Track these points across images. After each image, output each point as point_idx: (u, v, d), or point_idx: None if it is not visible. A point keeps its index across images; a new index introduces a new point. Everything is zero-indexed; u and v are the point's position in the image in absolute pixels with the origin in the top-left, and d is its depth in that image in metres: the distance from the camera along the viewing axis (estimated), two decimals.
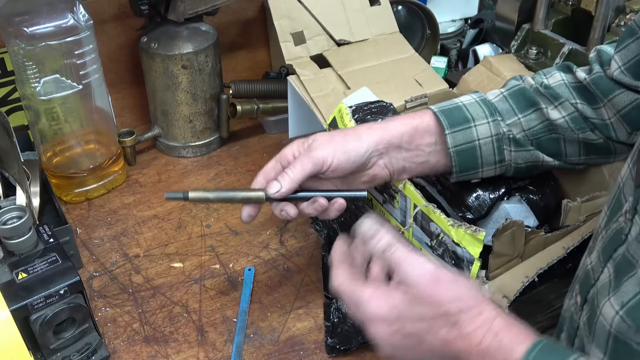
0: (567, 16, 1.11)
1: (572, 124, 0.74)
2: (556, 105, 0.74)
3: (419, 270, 0.55)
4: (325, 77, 1.03)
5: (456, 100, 0.76)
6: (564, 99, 0.74)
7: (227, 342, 0.83)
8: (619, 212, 0.56)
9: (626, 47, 0.68)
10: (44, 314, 0.73)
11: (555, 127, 0.75)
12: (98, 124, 1.06)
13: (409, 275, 0.55)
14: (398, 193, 0.77)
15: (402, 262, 0.56)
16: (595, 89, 0.72)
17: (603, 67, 0.72)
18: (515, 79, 0.79)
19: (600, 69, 0.73)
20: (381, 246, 0.58)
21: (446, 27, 1.34)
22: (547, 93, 0.75)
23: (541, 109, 0.75)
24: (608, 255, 0.56)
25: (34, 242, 0.78)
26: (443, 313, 0.54)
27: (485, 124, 0.74)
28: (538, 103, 0.75)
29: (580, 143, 0.76)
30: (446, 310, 0.53)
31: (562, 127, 0.74)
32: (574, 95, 0.74)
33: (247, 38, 1.33)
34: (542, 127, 0.75)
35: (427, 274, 0.55)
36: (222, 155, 1.21)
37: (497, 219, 0.78)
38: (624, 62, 0.69)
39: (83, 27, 0.96)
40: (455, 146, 0.73)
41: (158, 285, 0.92)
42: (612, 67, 0.70)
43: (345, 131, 0.74)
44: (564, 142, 0.76)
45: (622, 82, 0.70)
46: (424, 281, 0.55)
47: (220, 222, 1.04)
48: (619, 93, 0.71)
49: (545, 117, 0.75)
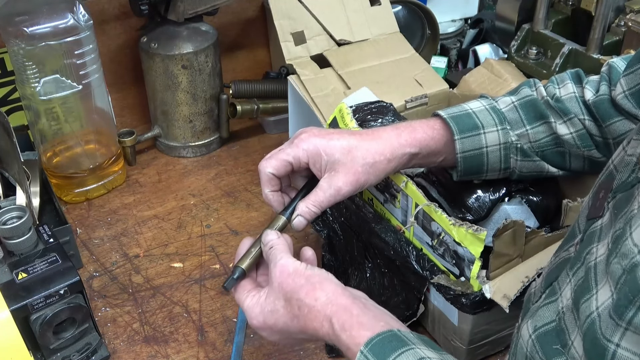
0: (567, 16, 1.11)
1: (578, 140, 0.74)
2: (565, 120, 0.74)
3: (279, 268, 0.62)
4: (326, 77, 1.03)
5: (465, 107, 0.76)
6: (573, 114, 0.73)
7: (227, 342, 0.83)
8: (571, 242, 0.56)
9: (634, 72, 0.67)
10: (44, 314, 0.73)
11: (562, 142, 0.74)
12: (98, 124, 1.06)
13: (271, 272, 0.63)
14: (399, 192, 0.77)
15: (271, 261, 0.63)
16: (596, 112, 0.72)
17: (611, 85, 0.71)
18: (529, 85, 0.78)
19: (607, 90, 0.72)
20: (266, 250, 0.65)
21: (446, 27, 1.34)
22: (557, 107, 0.74)
23: (550, 123, 0.74)
24: (549, 282, 0.56)
25: (34, 242, 0.77)
26: (287, 300, 0.60)
27: (494, 132, 0.74)
28: (547, 117, 0.74)
29: (585, 159, 0.76)
30: (289, 298, 0.60)
31: (569, 143, 0.74)
32: (583, 110, 0.74)
33: (247, 38, 1.33)
34: (549, 140, 0.75)
35: (280, 269, 0.62)
36: (222, 155, 1.21)
37: (498, 220, 0.78)
38: (629, 87, 0.68)
39: (83, 27, 0.96)
40: (463, 152, 0.73)
41: (158, 285, 0.92)
42: (617, 90, 0.69)
43: (368, 169, 0.69)
44: (569, 156, 0.76)
45: (623, 108, 0.69)
46: (277, 275, 0.61)
47: (220, 222, 1.04)
48: (617, 120, 0.70)
49: (552, 131, 0.74)
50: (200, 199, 1.09)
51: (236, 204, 1.08)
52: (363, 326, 0.55)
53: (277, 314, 0.61)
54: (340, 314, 0.57)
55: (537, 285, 0.60)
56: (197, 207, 1.07)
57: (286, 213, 0.70)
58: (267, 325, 0.62)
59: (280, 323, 0.61)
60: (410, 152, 0.72)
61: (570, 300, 0.49)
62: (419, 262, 0.75)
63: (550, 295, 0.53)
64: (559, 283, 0.53)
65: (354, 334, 0.55)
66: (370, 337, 0.54)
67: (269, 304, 0.62)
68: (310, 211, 0.69)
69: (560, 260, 0.57)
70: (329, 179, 0.68)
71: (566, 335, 0.48)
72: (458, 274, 0.71)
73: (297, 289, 0.60)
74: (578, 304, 0.46)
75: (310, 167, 0.71)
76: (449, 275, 0.73)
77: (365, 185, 0.70)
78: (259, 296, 0.63)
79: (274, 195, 0.71)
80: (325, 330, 0.57)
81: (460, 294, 0.70)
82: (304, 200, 0.69)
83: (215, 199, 1.09)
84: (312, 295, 0.59)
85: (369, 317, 0.57)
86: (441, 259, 0.73)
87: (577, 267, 0.50)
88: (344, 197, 0.69)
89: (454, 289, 0.70)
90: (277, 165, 0.70)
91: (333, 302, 0.58)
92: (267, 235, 0.67)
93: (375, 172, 0.70)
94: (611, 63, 0.73)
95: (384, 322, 0.57)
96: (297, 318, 0.60)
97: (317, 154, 0.69)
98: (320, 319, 0.58)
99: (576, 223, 0.58)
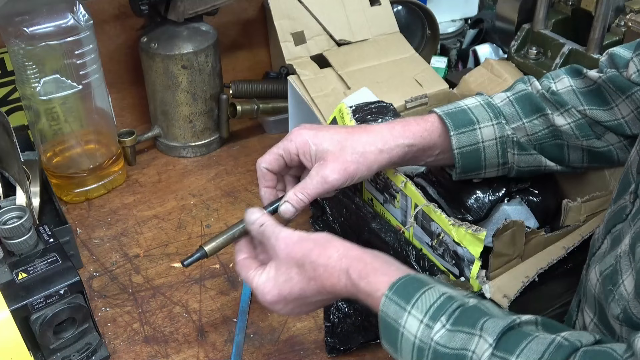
0: (567, 16, 1.11)
1: (577, 130, 0.74)
2: (562, 112, 0.74)
3: (282, 240, 0.64)
4: (326, 77, 1.03)
5: (460, 103, 0.76)
6: (570, 105, 0.74)
7: (227, 342, 0.83)
8: (627, 191, 0.60)
9: None
10: (44, 314, 0.73)
11: (560, 134, 0.75)
12: (98, 124, 1.06)
13: (274, 246, 0.64)
14: (399, 193, 0.77)
15: (270, 237, 0.65)
16: (611, 86, 0.72)
17: (619, 69, 0.72)
18: (523, 81, 0.78)
19: (615, 71, 0.72)
20: (255, 227, 0.67)
21: (446, 27, 1.34)
22: (554, 99, 0.74)
23: (546, 115, 0.74)
24: (608, 229, 0.61)
25: (34, 242, 0.77)
26: (299, 267, 0.62)
27: (490, 127, 0.74)
28: (544, 109, 0.75)
29: (583, 150, 0.76)
30: (302, 263, 0.62)
31: (567, 134, 0.74)
32: (582, 101, 0.74)
33: (247, 38, 1.33)
34: (547, 132, 0.75)
35: (284, 240, 0.64)
36: (222, 155, 1.21)
37: (498, 220, 0.78)
38: None
39: (83, 27, 0.96)
40: (460, 148, 0.73)
41: (158, 285, 0.92)
42: (630, 70, 0.70)
43: (357, 157, 0.70)
44: (567, 148, 0.76)
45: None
46: (282, 247, 0.64)
47: (220, 222, 1.04)
48: (638, 90, 0.70)
49: (550, 123, 0.74)
50: (200, 199, 1.09)
51: (236, 204, 1.08)
52: (378, 271, 0.58)
53: (291, 282, 0.63)
54: (355, 264, 0.59)
55: (599, 232, 0.64)
56: (197, 207, 1.07)
57: (270, 207, 0.71)
58: (282, 296, 0.63)
59: (297, 289, 0.62)
60: (404, 143, 0.72)
61: (628, 246, 0.54)
62: (418, 262, 0.75)
63: (615, 244, 0.58)
64: (622, 233, 0.57)
65: (371, 280, 0.58)
66: (391, 281, 0.56)
67: (281, 274, 0.63)
68: (297, 198, 0.70)
69: (618, 208, 0.61)
70: (317, 168, 0.70)
71: (618, 276, 0.54)
72: (458, 274, 0.71)
73: (307, 252, 0.62)
74: (635, 247, 0.51)
75: (301, 160, 0.72)
76: (449, 275, 0.73)
77: (355, 175, 0.70)
78: (267, 272, 0.65)
79: (266, 191, 0.73)
80: (343, 283, 0.59)
81: None
82: (293, 189, 0.70)
83: (215, 199, 1.09)
84: (324, 254, 0.61)
85: (381, 263, 0.60)
86: (441, 259, 0.73)
87: (638, 218, 0.55)
88: (332, 185, 0.69)
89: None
90: (270, 159, 0.72)
91: (345, 255, 0.60)
92: (252, 214, 0.68)
93: (365, 162, 0.70)
94: (611, 52, 0.73)
95: (395, 266, 0.60)
96: (313, 280, 0.61)
97: (305, 143, 0.71)
98: (337, 274, 0.60)
99: (629, 173, 0.61)
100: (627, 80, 0.71)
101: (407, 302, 0.54)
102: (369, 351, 0.81)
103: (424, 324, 0.53)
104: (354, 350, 0.81)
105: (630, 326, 0.53)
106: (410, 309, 0.54)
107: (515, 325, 0.50)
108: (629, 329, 0.53)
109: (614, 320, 0.55)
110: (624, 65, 0.71)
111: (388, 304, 0.55)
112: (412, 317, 0.54)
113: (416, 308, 0.54)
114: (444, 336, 0.51)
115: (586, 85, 0.74)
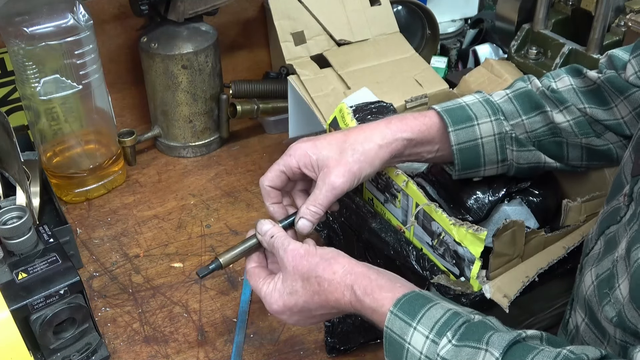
0: (567, 16, 1.11)
1: (576, 128, 0.74)
2: (561, 109, 0.74)
3: (290, 253, 0.65)
4: (326, 77, 1.03)
5: (459, 100, 0.76)
6: (570, 103, 0.74)
7: (227, 342, 0.83)
8: (620, 192, 0.60)
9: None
10: (44, 314, 0.73)
11: (559, 131, 0.75)
12: (98, 124, 1.06)
13: (282, 258, 0.65)
14: (400, 192, 0.77)
15: (279, 249, 0.66)
16: (610, 87, 0.72)
17: (617, 71, 0.72)
18: (523, 80, 0.78)
19: (614, 72, 0.72)
20: (266, 239, 0.68)
21: (446, 27, 1.34)
22: (553, 97, 0.75)
23: (546, 112, 0.75)
24: (602, 230, 0.61)
25: (34, 242, 0.77)
26: (305, 280, 0.63)
27: (488, 123, 0.74)
28: (543, 106, 0.75)
29: (583, 148, 0.76)
30: (307, 277, 0.63)
31: (566, 131, 0.74)
32: (583, 100, 0.74)
33: (247, 38, 1.33)
34: (546, 129, 0.75)
35: (292, 253, 0.65)
36: (222, 155, 1.21)
37: (498, 221, 0.78)
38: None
39: (83, 27, 0.96)
40: (458, 144, 0.73)
41: (158, 285, 0.92)
42: (628, 72, 0.70)
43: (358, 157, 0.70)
44: (566, 145, 0.76)
45: (639, 86, 0.70)
46: (289, 259, 0.65)
47: (220, 222, 1.04)
48: (636, 91, 0.71)
49: (549, 120, 0.75)
50: (200, 199, 1.09)
51: (236, 204, 1.08)
52: (383, 288, 0.59)
53: (296, 295, 0.64)
54: (360, 280, 0.60)
55: (592, 232, 0.64)
56: (197, 207, 1.07)
57: (284, 222, 0.72)
58: (287, 307, 0.65)
59: (301, 302, 0.64)
60: (402, 137, 0.72)
61: (624, 250, 0.54)
62: (419, 262, 0.75)
63: (610, 247, 0.58)
64: (618, 236, 0.58)
65: (376, 296, 0.58)
66: (396, 297, 0.57)
67: (287, 287, 0.64)
68: (311, 212, 0.70)
69: (612, 209, 0.61)
70: (322, 177, 0.70)
71: (615, 279, 0.54)
72: (458, 274, 0.71)
73: (313, 267, 0.63)
74: (630, 252, 0.52)
75: (304, 172, 0.72)
76: (449, 275, 0.73)
77: (360, 174, 0.70)
78: (275, 282, 0.66)
79: (274, 207, 0.74)
80: (347, 299, 0.60)
81: (460, 294, 0.70)
82: (305, 203, 0.71)
83: (215, 199, 1.09)
84: (329, 269, 0.62)
85: (385, 280, 0.60)
86: (441, 259, 0.73)
87: (634, 222, 0.55)
88: (341, 190, 0.69)
89: (454, 289, 0.70)
90: (272, 176, 0.72)
91: (350, 271, 0.61)
92: (262, 225, 0.69)
93: (368, 159, 0.70)
94: (610, 53, 0.74)
95: (399, 283, 0.61)
96: (317, 294, 0.62)
97: (305, 155, 0.71)
98: (342, 289, 0.61)
99: (622, 174, 0.62)
100: (625, 82, 0.71)
101: (413, 318, 0.55)
102: (369, 351, 0.81)
103: (430, 339, 0.53)
104: (354, 350, 0.81)
105: (624, 329, 0.53)
106: (416, 324, 0.54)
107: (520, 339, 0.51)
108: (622, 331, 0.54)
109: (608, 322, 0.55)
110: (622, 67, 0.71)
111: (393, 319, 0.56)
112: (417, 332, 0.54)
113: (422, 324, 0.54)
114: (450, 351, 0.52)
115: (586, 85, 0.75)
